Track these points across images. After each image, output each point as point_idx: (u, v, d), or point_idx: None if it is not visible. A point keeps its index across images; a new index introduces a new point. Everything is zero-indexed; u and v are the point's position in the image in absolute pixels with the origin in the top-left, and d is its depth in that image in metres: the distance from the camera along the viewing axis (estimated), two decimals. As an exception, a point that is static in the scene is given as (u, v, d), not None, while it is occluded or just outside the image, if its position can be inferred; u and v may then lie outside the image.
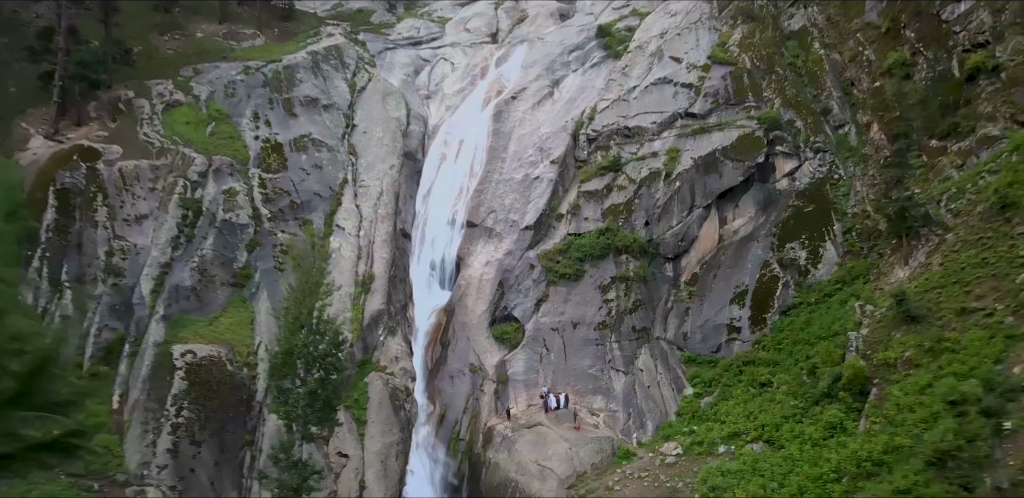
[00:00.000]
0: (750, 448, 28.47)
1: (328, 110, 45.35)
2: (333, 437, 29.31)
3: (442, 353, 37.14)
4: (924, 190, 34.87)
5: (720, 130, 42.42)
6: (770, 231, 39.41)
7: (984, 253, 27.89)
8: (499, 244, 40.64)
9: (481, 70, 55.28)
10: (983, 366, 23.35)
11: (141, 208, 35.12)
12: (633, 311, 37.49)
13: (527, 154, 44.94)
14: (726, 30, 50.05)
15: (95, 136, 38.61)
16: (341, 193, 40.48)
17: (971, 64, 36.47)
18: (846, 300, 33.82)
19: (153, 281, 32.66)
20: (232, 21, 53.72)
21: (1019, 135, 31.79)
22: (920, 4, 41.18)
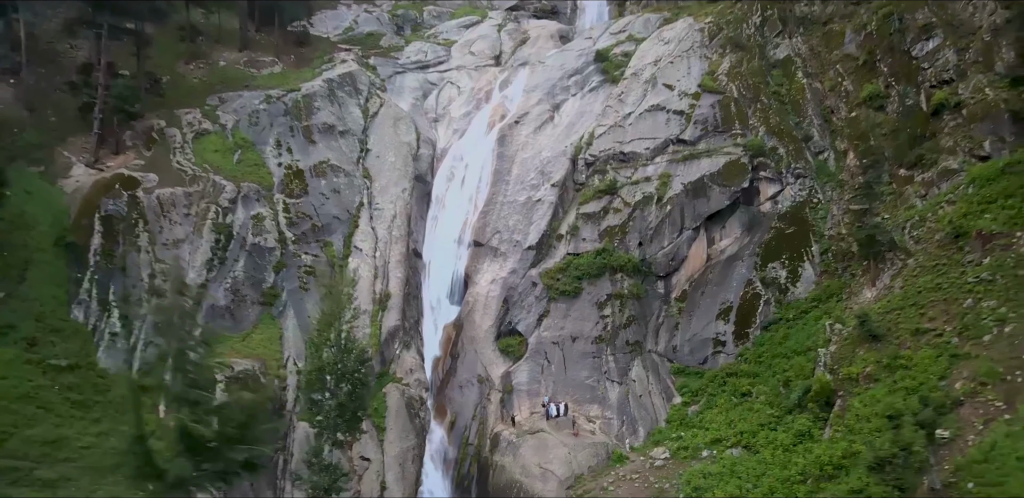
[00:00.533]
0: (730, 453, 31.84)
1: (344, 136, 48.73)
2: (356, 443, 32.67)
3: (452, 365, 40.54)
4: (892, 216, 38.23)
5: (709, 156, 45.77)
6: (754, 251, 42.75)
7: (938, 279, 31.24)
8: (504, 263, 44.01)
9: (485, 94, 58.58)
10: (929, 382, 26.74)
11: (177, 233, 38.50)
12: (627, 326, 40.85)
13: (529, 177, 48.29)
14: (716, 58, 53.35)
15: (133, 165, 41.98)
16: (358, 216, 43.86)
17: (936, 100, 39.85)
18: (820, 317, 37.21)
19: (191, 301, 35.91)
20: (252, 49, 57.10)
21: (976, 169, 35.14)
22: (892, 40, 44.55)
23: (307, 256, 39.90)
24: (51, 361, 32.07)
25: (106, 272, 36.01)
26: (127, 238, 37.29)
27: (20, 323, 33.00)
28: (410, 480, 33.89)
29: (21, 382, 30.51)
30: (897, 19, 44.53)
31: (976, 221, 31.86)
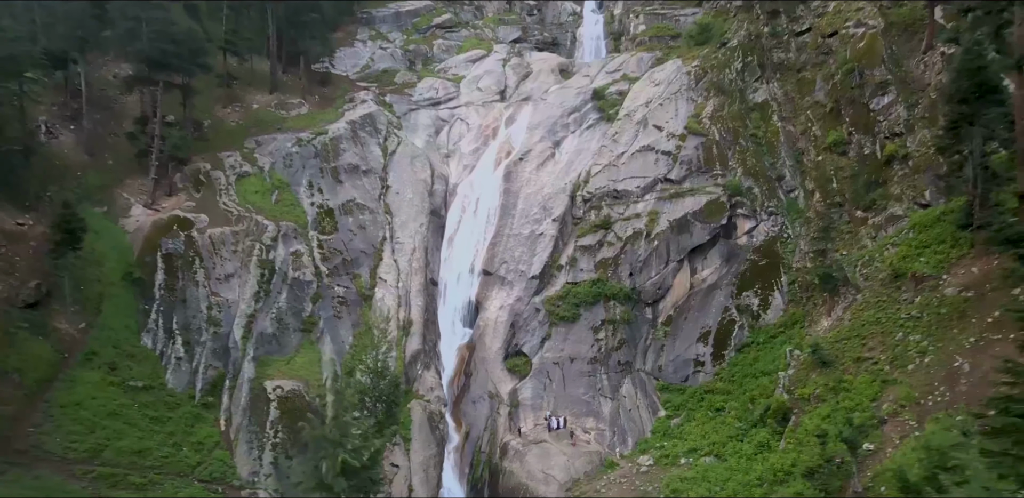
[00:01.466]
0: (703, 460, 37.62)
1: (367, 175, 54.54)
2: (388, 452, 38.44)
3: (466, 382, 46.39)
4: (848, 253, 43.99)
5: (692, 195, 51.57)
6: (731, 281, 48.56)
7: (879, 313, 36.99)
8: (510, 291, 49.84)
9: (492, 130, 64.36)
10: (863, 403, 32.50)
11: (228, 268, 44.33)
12: (618, 348, 46.67)
13: (533, 212, 54.08)
14: (701, 101, 59.12)
15: (185, 206, 47.80)
16: (381, 249, 49.70)
17: (888, 151, 45.59)
18: (786, 342, 43.01)
19: (243, 329, 41.86)
20: (281, 90, 62.87)
21: (916, 216, 40.86)
22: (854, 93, 50.26)
23: (339, 288, 45.74)
24: (129, 383, 37.97)
25: (169, 304, 41.86)
26: (185, 274, 43.12)
27: (101, 350, 38.89)
28: (432, 483, 39.72)
29: (108, 402, 36.42)
30: (858, 74, 50.24)
31: (912, 264, 37.55)
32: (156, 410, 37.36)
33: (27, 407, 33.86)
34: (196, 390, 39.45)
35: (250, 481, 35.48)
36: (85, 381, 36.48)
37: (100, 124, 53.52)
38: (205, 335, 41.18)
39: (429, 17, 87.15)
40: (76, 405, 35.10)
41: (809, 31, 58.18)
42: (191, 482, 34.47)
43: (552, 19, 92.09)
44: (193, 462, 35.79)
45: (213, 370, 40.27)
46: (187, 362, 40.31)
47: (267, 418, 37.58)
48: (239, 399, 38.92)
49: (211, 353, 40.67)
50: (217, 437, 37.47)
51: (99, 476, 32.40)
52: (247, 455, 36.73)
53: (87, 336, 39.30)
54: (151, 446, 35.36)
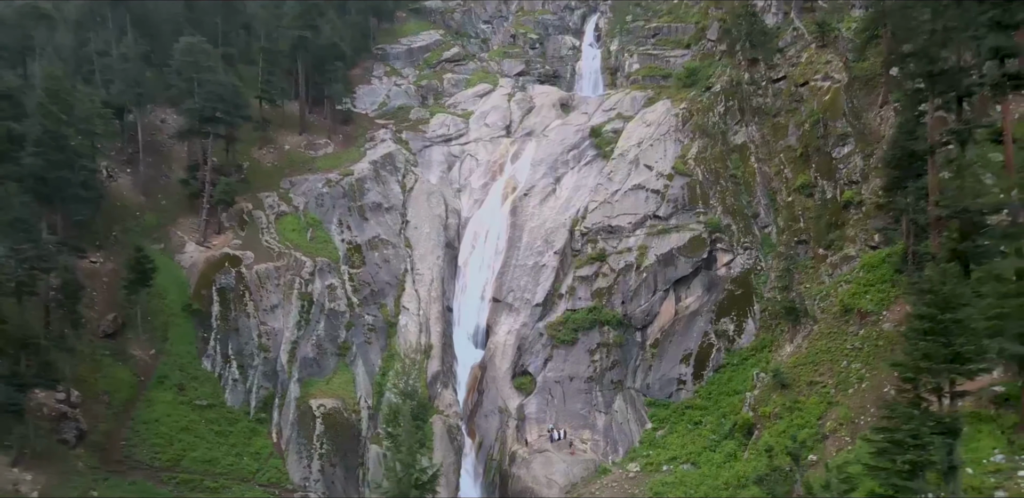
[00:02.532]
0: (682, 467, 44.40)
1: (389, 212, 61.35)
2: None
3: (479, 399, 53.19)
4: (809, 287, 50.74)
5: (677, 231, 58.36)
6: (711, 308, 55.32)
7: (830, 343, 43.73)
8: (517, 317, 56.63)
9: (499, 167, 71.15)
10: (811, 421, 39.26)
11: (272, 300, 51.14)
12: (611, 368, 53.48)
13: (536, 245, 60.88)
14: (687, 143, 65.85)
15: (233, 244, 54.63)
16: (404, 281, 56.52)
17: (846, 196, 52.33)
18: (756, 364, 49.77)
19: (288, 354, 48.71)
20: (309, 131, 69.70)
21: (867, 257, 47.54)
22: (819, 141, 57.01)
23: (368, 316, 52.57)
24: (196, 401, 44.83)
25: (224, 332, 48.71)
26: (237, 306, 49.97)
27: (170, 373, 45.77)
28: (452, 487, 46.51)
29: (180, 418, 43.29)
30: (823, 125, 57.01)
31: (860, 301, 44.24)
32: (219, 425, 44.20)
33: (117, 424, 40.70)
34: (251, 407, 46.29)
35: (302, 485, 42.34)
36: (160, 401, 43.33)
37: (152, 167, 60.41)
38: (256, 359, 48.01)
39: (439, 52, 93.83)
40: (155, 421, 41.95)
41: (784, 79, 64.86)
42: (253, 486, 41.31)
43: (553, 52, 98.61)
44: (253, 469, 42.64)
45: (264, 390, 47.12)
46: (242, 383, 47.16)
47: (314, 432, 44.44)
48: (287, 415, 45.78)
49: (262, 375, 47.52)
50: (271, 448, 44.34)
51: (181, 481, 39.26)
52: (297, 463, 43.59)
53: (158, 361, 46.16)
54: (218, 456, 42.21)
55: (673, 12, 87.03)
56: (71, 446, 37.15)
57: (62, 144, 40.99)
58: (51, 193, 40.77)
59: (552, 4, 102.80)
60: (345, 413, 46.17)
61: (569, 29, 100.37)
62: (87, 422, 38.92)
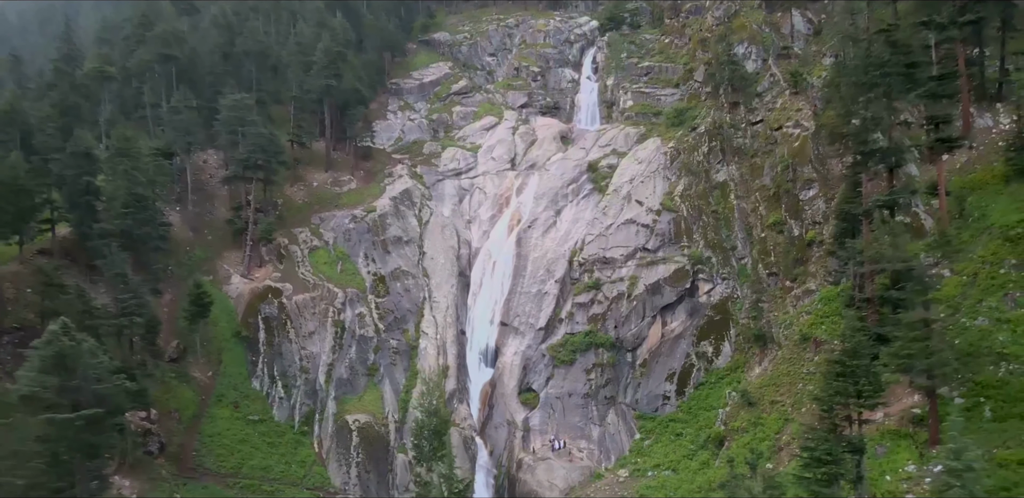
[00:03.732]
0: (664, 473, 52.00)
1: (408, 244, 68.97)
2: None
3: (489, 412, 60.82)
4: (777, 315, 58.25)
5: (664, 263, 65.92)
6: (693, 332, 62.87)
7: (790, 368, 51.30)
8: (522, 339, 64.26)
9: (505, 200, 78.74)
10: (770, 435, 46.84)
11: (310, 327, 58.74)
12: (605, 385, 61.09)
13: (539, 274, 68.48)
14: (674, 180, 73.43)
15: (273, 276, 62.24)
16: (422, 308, 64.13)
17: (810, 235, 59.86)
18: (730, 383, 57.30)
19: (325, 375, 56.35)
20: (333, 168, 77.34)
21: (825, 291, 55.02)
22: (789, 184, 64.52)
23: (393, 341, 60.19)
24: (249, 417, 52.45)
25: (270, 356, 56.34)
26: (280, 332, 57.58)
27: (226, 392, 53.40)
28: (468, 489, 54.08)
29: (237, 431, 50.93)
30: (792, 169, 64.54)
31: (816, 330, 51.81)
32: (270, 437, 51.84)
33: (188, 437, 48.34)
34: (295, 422, 53.92)
35: (342, 489, 49.97)
36: (220, 417, 50.99)
37: (198, 205, 68.05)
38: (298, 380, 55.66)
39: (448, 85, 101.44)
40: (218, 435, 49.58)
41: (761, 122, 72.36)
42: (301, 490, 48.95)
43: (554, 84, 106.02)
44: (300, 475, 50.28)
45: (306, 406, 54.77)
46: (287, 400, 54.79)
47: (351, 443, 52.10)
48: (327, 428, 53.45)
49: (303, 393, 55.17)
50: (314, 456, 51.98)
51: (243, 486, 46.90)
52: (338, 469, 51.25)
53: (215, 382, 53.79)
54: (271, 463, 49.85)
55: (664, 52, 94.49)
56: (154, 456, 44.74)
57: (144, 204, 48.60)
58: (135, 245, 48.32)
59: (553, 38, 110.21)
60: (376, 426, 53.84)
61: (569, 62, 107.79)
62: (165, 436, 46.52)
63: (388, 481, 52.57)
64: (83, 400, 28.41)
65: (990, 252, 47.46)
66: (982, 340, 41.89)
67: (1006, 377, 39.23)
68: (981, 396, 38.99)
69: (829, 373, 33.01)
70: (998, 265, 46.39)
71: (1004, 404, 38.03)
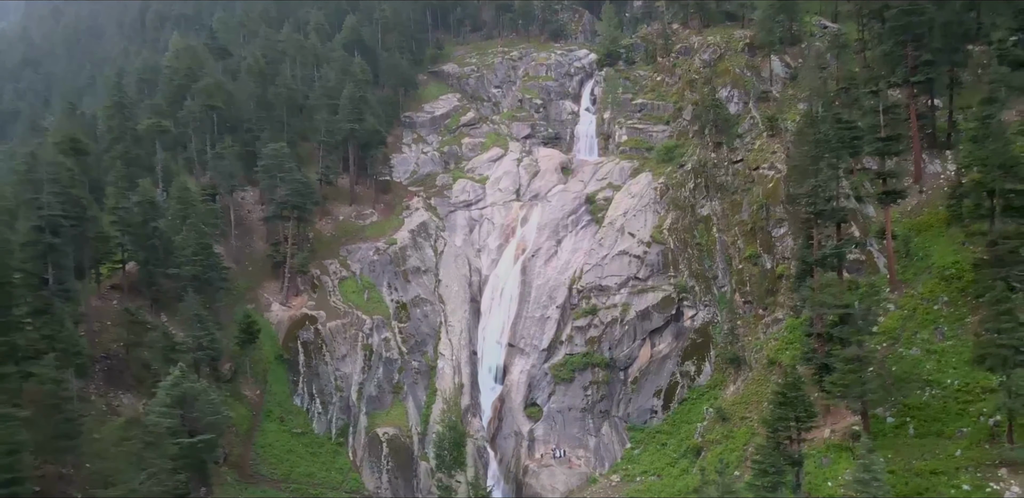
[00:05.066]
0: (651, 479, 60.46)
1: (425, 274, 77.47)
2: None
3: (499, 425, 69.33)
4: (750, 340, 66.61)
5: (652, 291, 74.36)
6: (678, 353, 71.31)
7: (758, 388, 59.69)
8: (527, 359, 72.74)
9: (511, 230, 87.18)
10: (739, 447, 55.24)
11: (342, 351, 67.23)
12: (601, 400, 69.57)
13: (542, 300, 76.95)
14: (663, 214, 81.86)
15: (308, 304, 70.69)
16: (439, 332, 72.61)
17: (780, 270, 68.17)
18: (708, 400, 65.72)
19: (356, 393, 64.84)
20: (357, 203, 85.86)
21: (790, 321, 63.41)
22: (763, 222, 72.88)
23: (415, 362, 68.70)
24: (293, 430, 60.95)
25: (309, 376, 64.83)
26: (316, 356, 66.08)
27: (273, 409, 61.91)
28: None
29: (284, 443, 59.39)
30: (765, 209, 72.92)
31: (781, 355, 60.21)
32: (311, 448, 60.34)
33: (244, 448, 56.82)
34: (332, 434, 62.43)
35: (375, 492, 58.51)
36: (270, 430, 59.49)
37: (239, 239, 76.54)
38: (334, 397, 64.15)
39: (457, 117, 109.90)
40: (269, 445, 58.08)
41: (742, 161, 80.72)
42: (341, 493, 57.48)
43: (555, 116, 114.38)
44: (339, 480, 58.77)
45: (341, 421, 63.27)
46: (324, 415, 63.30)
47: (381, 453, 60.63)
48: (360, 440, 61.97)
49: (339, 409, 63.67)
50: (349, 464, 60.50)
51: (293, 490, 55.40)
52: (371, 475, 59.78)
53: (263, 399, 62.29)
54: (314, 470, 58.35)
55: (656, 89, 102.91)
56: (219, 465, 53.19)
57: (209, 251, 57.11)
58: (203, 287, 56.82)
59: (554, 71, 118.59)
60: (402, 438, 62.36)
61: (569, 94, 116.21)
62: (227, 447, 54.98)
63: (413, 485, 61.05)
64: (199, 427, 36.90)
65: (927, 289, 56.08)
66: (914, 368, 50.46)
67: (929, 400, 47.76)
68: (908, 416, 47.55)
69: (774, 401, 41.50)
70: (933, 301, 55.02)
71: (925, 423, 46.55)
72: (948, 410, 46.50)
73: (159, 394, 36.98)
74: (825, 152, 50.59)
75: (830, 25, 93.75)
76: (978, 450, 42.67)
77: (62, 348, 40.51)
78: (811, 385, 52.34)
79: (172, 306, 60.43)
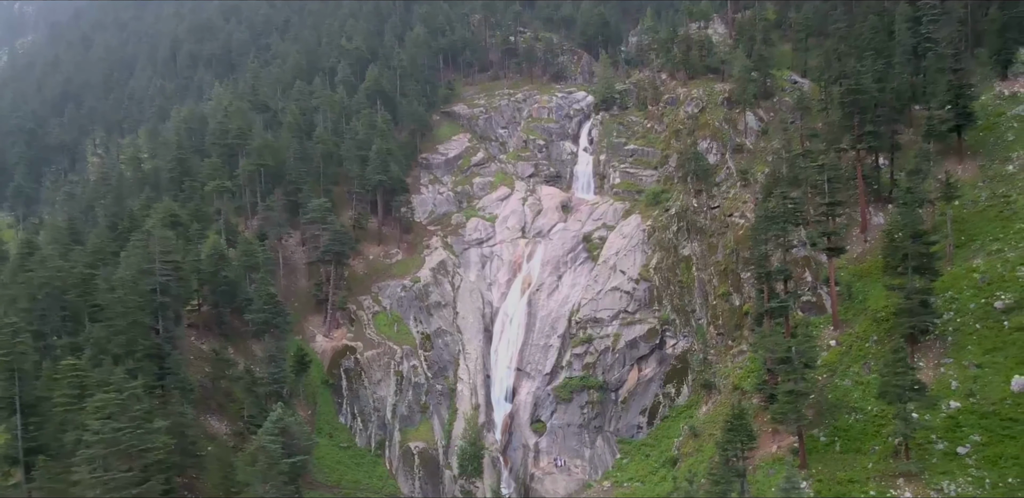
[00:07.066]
0: (636, 484, 73.09)
1: (444, 307, 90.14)
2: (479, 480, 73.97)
3: (508, 439, 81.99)
4: (720, 367, 79.16)
5: (640, 324, 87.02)
6: (661, 376, 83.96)
7: (724, 409, 71.96)
8: (533, 382, 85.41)
9: (518, 265, 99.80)
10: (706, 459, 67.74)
11: (377, 376, 79.89)
12: (595, 418, 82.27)
13: (545, 330, 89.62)
14: (650, 253, 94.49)
15: (348, 336, 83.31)
16: (458, 359, 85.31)
17: (745, 308, 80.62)
18: (686, 418, 78.31)
19: (391, 412, 77.52)
20: (384, 243, 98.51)
21: (751, 353, 75.84)
22: (734, 265, 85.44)
23: (438, 386, 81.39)
24: (340, 445, 73.65)
25: (351, 399, 77.51)
26: (356, 381, 78.74)
27: (323, 426, 74.61)
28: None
29: (334, 455, 72.10)
30: (736, 254, 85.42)
31: (744, 382, 72.72)
32: (356, 459, 72.97)
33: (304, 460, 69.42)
34: (372, 447, 75.11)
35: (409, 495, 71.19)
36: (322, 444, 72.16)
37: (285, 277, 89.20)
38: (372, 416, 76.86)
39: (468, 158, 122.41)
40: (322, 457, 70.77)
41: (719, 207, 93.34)
42: (383, 496, 70.12)
43: (556, 156, 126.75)
44: (379, 486, 71.42)
45: (379, 436, 75.96)
46: (364, 432, 75.99)
47: (414, 463, 73.33)
48: (395, 452, 74.68)
49: (376, 426, 76.38)
50: (387, 473, 73.20)
51: (344, 494, 68.07)
52: (405, 482, 72.50)
53: (314, 418, 74.94)
54: (360, 478, 71.01)
55: (646, 136, 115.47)
56: (286, 474, 65.84)
57: (275, 300, 69.90)
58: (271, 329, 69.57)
59: (555, 113, 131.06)
60: (430, 451, 75.08)
61: (568, 135, 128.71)
62: (290, 460, 67.64)
63: (440, 490, 73.74)
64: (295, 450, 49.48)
65: (862, 329, 68.59)
66: (845, 396, 62.99)
67: (853, 423, 60.19)
68: (836, 436, 60.02)
69: (724, 427, 54.20)
70: (865, 340, 67.52)
71: (848, 442, 58.99)
72: (867, 431, 58.80)
73: (266, 425, 49.54)
74: (772, 225, 63.17)
75: (799, 80, 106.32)
76: (884, 463, 55.02)
77: (179, 385, 53.09)
78: (762, 410, 65.08)
79: (239, 341, 73.21)
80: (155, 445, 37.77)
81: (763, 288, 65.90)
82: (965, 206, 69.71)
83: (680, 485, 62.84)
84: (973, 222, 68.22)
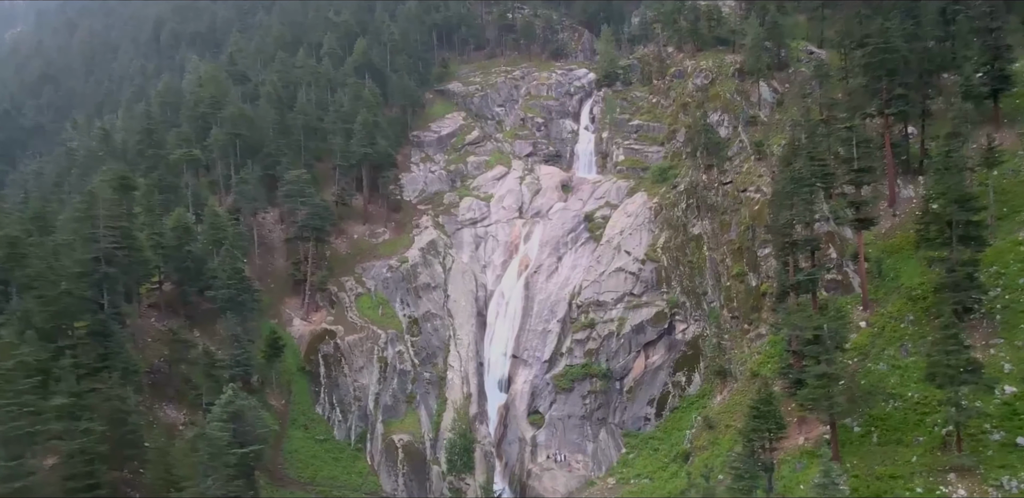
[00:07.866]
0: (644, 481, 65.99)
1: (435, 290, 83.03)
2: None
3: (504, 431, 74.87)
4: (736, 353, 72.11)
5: (646, 307, 79.91)
6: (670, 364, 76.86)
7: (742, 398, 65.07)
8: (530, 370, 78.30)
9: (515, 246, 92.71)
10: (723, 452, 60.70)
11: (359, 363, 72.81)
12: (598, 408, 75.13)
13: (544, 314, 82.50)
14: (656, 232, 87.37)
15: (327, 320, 76.26)
16: (449, 345, 78.19)
17: (764, 288, 73.57)
18: (698, 408, 71.23)
19: (373, 402, 70.42)
20: (369, 221, 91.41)
21: (771, 336, 68.73)
22: (750, 242, 78.38)
23: (426, 373, 74.29)
24: (316, 437, 66.58)
25: (329, 387, 70.43)
26: (336, 368, 71.65)
27: (297, 417, 67.52)
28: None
29: (309, 449, 65.08)
30: (751, 230, 78.40)
31: (763, 368, 65.70)
32: (333, 453, 65.91)
33: (275, 453, 62.41)
34: (351, 440, 68.02)
35: (392, 493, 64.10)
36: (296, 437, 65.10)
37: (260, 257, 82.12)
38: (353, 406, 69.75)
39: (462, 136, 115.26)
40: (296, 451, 63.70)
41: (731, 183, 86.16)
42: (361, 494, 63.05)
43: (556, 135, 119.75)
44: (359, 483, 64.36)
45: (359, 428, 68.87)
46: (344, 423, 68.90)
47: (397, 457, 66.23)
48: (377, 446, 67.56)
49: (357, 418, 69.27)
50: (368, 469, 66.10)
51: (319, 491, 61.00)
52: (387, 478, 65.40)
53: (288, 409, 67.88)
54: (337, 473, 63.94)
55: (651, 111, 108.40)
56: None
57: (242, 276, 62.78)
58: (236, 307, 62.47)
59: (554, 91, 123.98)
60: (415, 444, 67.96)
61: (569, 113, 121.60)
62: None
63: (427, 487, 66.62)
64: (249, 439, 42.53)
65: (896, 308, 61.46)
66: (880, 382, 55.88)
67: (891, 411, 53.18)
68: (872, 425, 52.96)
69: (749, 414, 47.05)
70: (900, 320, 60.39)
71: (887, 432, 51.97)
72: (908, 420, 51.81)
73: (215, 410, 42.54)
74: (800, 188, 56.06)
75: (816, 51, 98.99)
76: (931, 457, 48.04)
77: (122, 366, 46.00)
78: (787, 398, 57.88)
79: (205, 322, 66.10)
80: (50, 427, 30.80)
81: (787, 261, 58.83)
82: (1005, 175, 63.13)
83: (696, 481, 55.77)
84: (1015, 192, 61.63)
